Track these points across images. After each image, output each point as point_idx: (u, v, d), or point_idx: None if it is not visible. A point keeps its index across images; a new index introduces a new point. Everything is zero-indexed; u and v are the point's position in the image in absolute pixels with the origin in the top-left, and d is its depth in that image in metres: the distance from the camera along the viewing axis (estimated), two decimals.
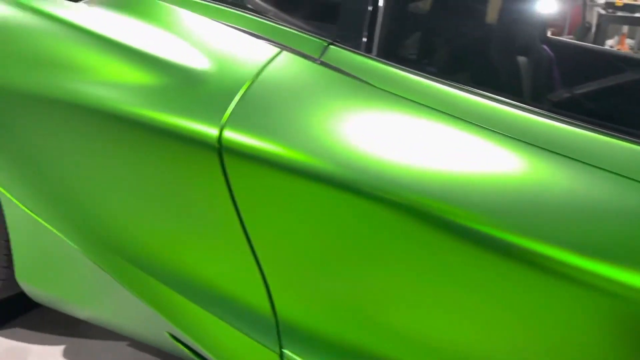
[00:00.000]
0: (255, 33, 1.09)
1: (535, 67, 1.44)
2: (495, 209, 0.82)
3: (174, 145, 0.99)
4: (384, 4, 1.05)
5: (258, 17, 1.13)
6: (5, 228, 1.37)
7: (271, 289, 0.98)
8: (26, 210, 1.29)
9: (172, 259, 1.09)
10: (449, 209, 0.84)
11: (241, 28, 1.11)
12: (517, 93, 1.28)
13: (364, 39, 1.04)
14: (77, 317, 1.45)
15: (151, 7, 1.25)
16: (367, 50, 1.04)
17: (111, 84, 1.10)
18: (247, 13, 1.15)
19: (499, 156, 0.88)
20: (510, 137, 0.88)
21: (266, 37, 1.07)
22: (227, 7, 1.17)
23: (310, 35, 1.07)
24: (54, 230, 1.27)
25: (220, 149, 0.93)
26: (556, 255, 0.78)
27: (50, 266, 1.36)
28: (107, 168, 1.12)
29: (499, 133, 0.89)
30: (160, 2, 1.23)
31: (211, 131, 0.95)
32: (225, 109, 0.96)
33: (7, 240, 1.39)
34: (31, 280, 1.41)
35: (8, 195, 1.31)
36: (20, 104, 1.23)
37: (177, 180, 1.02)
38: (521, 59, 1.42)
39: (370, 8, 1.05)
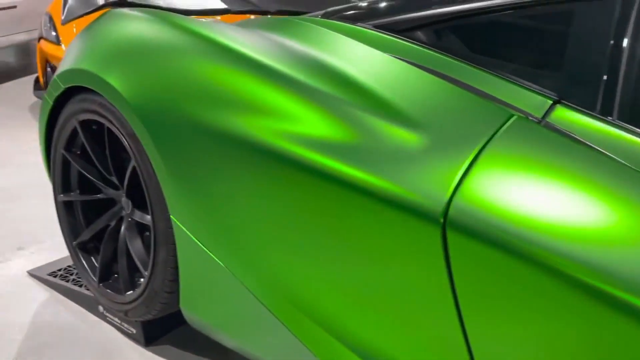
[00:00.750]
0: (474, 86, 0.96)
1: None
2: None
3: (386, 211, 0.90)
4: (627, 51, 0.89)
5: (467, 63, 1.02)
6: (174, 257, 1.38)
7: None
8: (200, 244, 1.28)
9: (363, 326, 1.01)
10: None
11: (454, 78, 0.99)
12: None
13: (601, 97, 0.90)
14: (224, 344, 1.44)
15: (345, 46, 1.17)
16: (605, 111, 0.90)
17: (315, 137, 1.03)
18: (453, 58, 1.04)
19: None
20: None
21: (485, 92, 0.95)
22: (434, 50, 1.06)
23: (532, 90, 0.95)
24: (226, 267, 1.25)
25: (444, 224, 0.84)
26: None
27: (214, 299, 1.35)
28: (299, 221, 1.06)
29: None
30: (357, 41, 1.16)
31: (436, 204, 0.85)
32: (452, 180, 0.86)
33: (173, 268, 1.40)
34: (194, 309, 1.41)
35: (182, 227, 1.31)
36: (207, 140, 1.21)
37: (384, 248, 0.93)
38: None
39: (609, 57, 0.89)
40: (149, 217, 1.44)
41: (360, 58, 1.13)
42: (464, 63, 1.02)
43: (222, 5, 2.17)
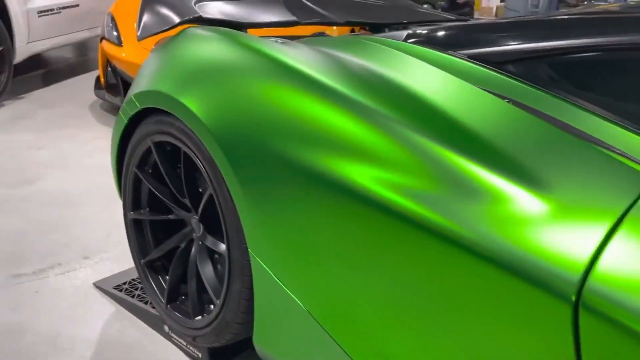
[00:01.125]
0: (602, 140, 0.86)
1: None
2: None
3: (505, 280, 0.82)
4: None
5: (589, 110, 0.92)
6: (249, 289, 1.33)
7: None
8: (276, 279, 1.23)
9: None
10: None
11: (580, 130, 0.88)
12: None
13: None
14: None
15: (442, 82, 1.09)
16: None
17: (415, 186, 0.95)
18: (574, 104, 0.94)
19: None
20: None
21: (614, 146, 0.86)
22: (551, 93, 0.95)
23: None
24: (303, 305, 1.19)
25: (577, 303, 0.76)
26: None
27: (289, 336, 1.29)
28: (391, 269, 0.98)
29: None
30: (457, 77, 1.07)
31: (567, 279, 0.76)
32: (588, 252, 0.76)
33: (247, 300, 1.36)
34: (267, 345, 1.36)
35: (259, 260, 1.26)
36: (292, 174, 1.15)
37: (494, 316, 0.84)
38: None
39: None
40: (223, 246, 1.40)
41: (464, 98, 1.04)
42: (585, 110, 0.92)
43: (292, 17, 2.12)
